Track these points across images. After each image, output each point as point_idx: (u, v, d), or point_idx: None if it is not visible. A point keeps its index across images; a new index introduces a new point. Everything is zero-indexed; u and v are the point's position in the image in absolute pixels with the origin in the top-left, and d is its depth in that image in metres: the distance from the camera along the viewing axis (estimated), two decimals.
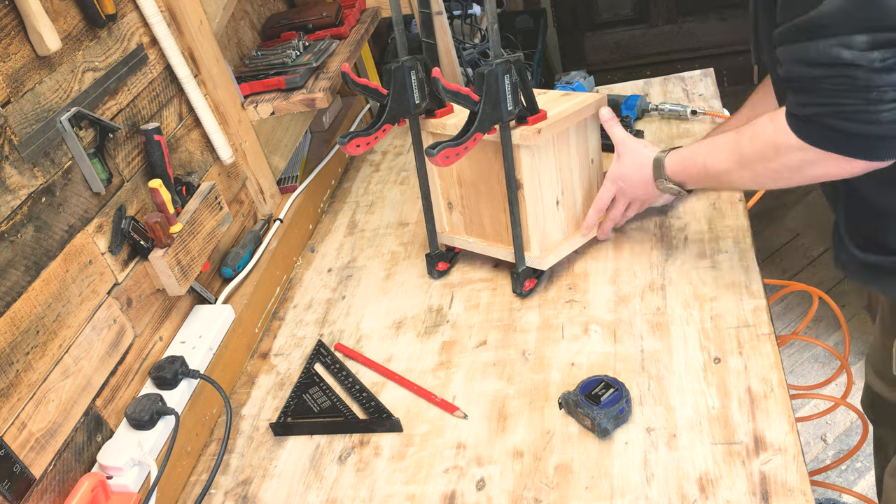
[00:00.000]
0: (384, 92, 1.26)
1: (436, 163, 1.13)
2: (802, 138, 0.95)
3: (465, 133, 1.15)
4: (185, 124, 1.37)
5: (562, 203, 1.30)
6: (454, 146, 1.14)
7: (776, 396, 1.02)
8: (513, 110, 1.17)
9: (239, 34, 1.67)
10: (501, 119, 1.17)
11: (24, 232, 0.98)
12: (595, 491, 0.97)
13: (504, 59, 1.15)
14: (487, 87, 1.14)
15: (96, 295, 1.09)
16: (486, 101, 1.14)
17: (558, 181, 1.28)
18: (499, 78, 1.14)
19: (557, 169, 1.26)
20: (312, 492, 1.08)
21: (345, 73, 1.25)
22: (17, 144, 0.98)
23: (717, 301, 1.19)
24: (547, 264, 1.29)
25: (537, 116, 1.20)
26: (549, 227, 1.29)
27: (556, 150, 1.25)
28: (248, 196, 1.55)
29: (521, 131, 1.19)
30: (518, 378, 1.16)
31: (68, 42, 1.10)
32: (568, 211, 1.32)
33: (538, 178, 1.23)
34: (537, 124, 1.20)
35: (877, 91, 0.86)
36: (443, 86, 1.13)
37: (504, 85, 1.15)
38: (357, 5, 1.83)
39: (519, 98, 1.18)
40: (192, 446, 1.18)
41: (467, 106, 1.15)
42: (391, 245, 1.55)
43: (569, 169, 1.29)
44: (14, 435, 0.93)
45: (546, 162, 1.24)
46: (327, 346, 1.32)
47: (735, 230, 1.32)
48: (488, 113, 1.15)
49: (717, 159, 1.12)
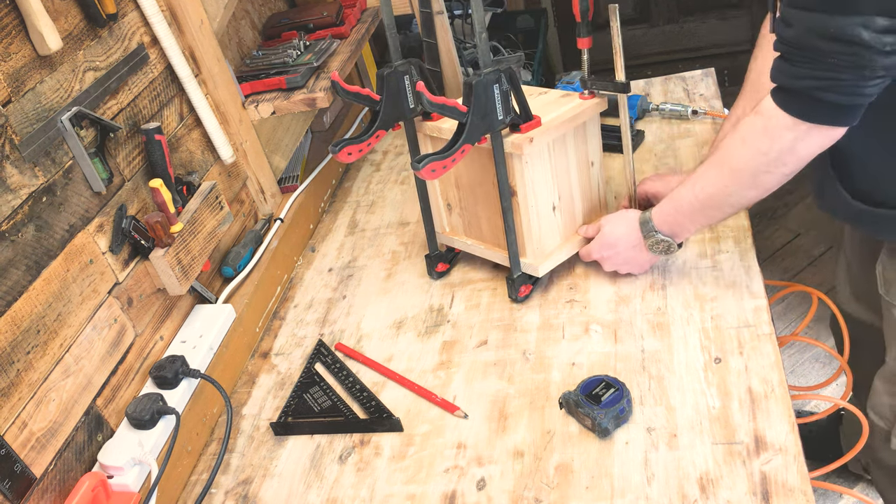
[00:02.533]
0: (377, 98, 1.24)
1: (422, 176, 1.10)
2: (793, 114, 0.96)
3: (453, 145, 1.12)
4: (186, 124, 1.37)
5: (559, 208, 1.28)
6: (440, 159, 1.11)
7: (777, 396, 1.02)
8: (504, 119, 1.14)
9: (240, 34, 1.67)
10: (492, 129, 1.14)
11: (24, 231, 0.98)
12: (595, 491, 0.97)
13: (493, 68, 1.11)
14: (476, 97, 1.10)
15: (97, 294, 1.09)
16: (474, 112, 1.10)
17: (555, 187, 1.25)
18: (487, 88, 1.11)
19: (554, 174, 1.24)
20: (313, 491, 1.08)
21: (334, 81, 1.21)
22: (18, 144, 0.98)
23: (718, 301, 1.19)
24: (542, 271, 1.28)
25: (531, 123, 1.17)
26: (544, 234, 1.27)
27: (551, 156, 1.23)
28: (249, 196, 1.55)
29: (513, 139, 1.16)
30: (519, 378, 1.16)
31: (69, 41, 1.10)
32: (566, 215, 1.30)
33: (532, 185, 1.21)
34: (530, 132, 1.17)
35: (870, 69, 0.89)
36: (427, 99, 1.09)
37: (494, 95, 1.11)
38: (358, 5, 1.83)
39: (510, 106, 1.15)
40: (193, 446, 1.18)
41: (455, 117, 1.11)
42: (392, 245, 1.55)
43: (566, 174, 1.27)
44: (15, 434, 0.93)
45: (541, 168, 1.21)
46: (328, 345, 1.32)
47: (735, 230, 1.32)
48: (477, 124, 1.12)
49: (707, 183, 1.10)
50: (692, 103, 1.71)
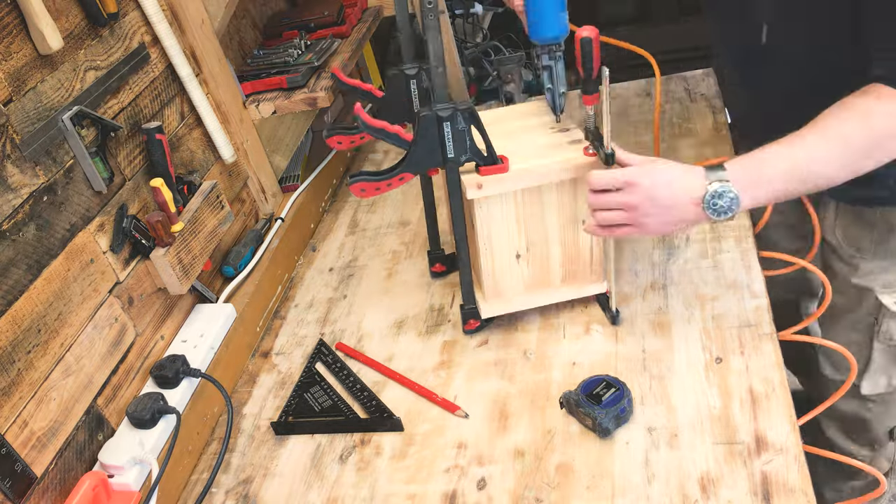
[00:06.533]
0: (378, 94, 1.23)
1: (352, 191, 1.09)
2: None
3: (392, 171, 1.09)
4: (187, 123, 1.37)
5: (525, 258, 1.19)
6: (374, 181, 1.09)
7: (778, 396, 1.02)
8: (456, 158, 1.09)
9: (241, 33, 1.67)
10: (441, 165, 1.10)
11: (25, 231, 0.98)
12: (596, 490, 0.97)
13: (449, 105, 1.06)
14: (422, 130, 1.07)
15: (98, 294, 1.09)
16: (419, 144, 1.08)
17: (522, 236, 1.17)
18: (436, 123, 1.07)
19: (521, 224, 1.15)
20: (313, 491, 1.08)
21: (334, 74, 1.21)
22: (19, 143, 0.98)
23: (719, 300, 1.19)
24: (487, 313, 1.23)
25: (494, 168, 1.10)
26: (501, 279, 1.20)
27: (519, 204, 1.14)
28: (250, 195, 1.55)
29: (466, 179, 1.10)
30: (519, 377, 1.16)
31: (70, 41, 1.10)
32: (536, 268, 1.21)
33: (486, 227, 1.15)
34: (485, 177, 1.10)
35: None
36: (364, 122, 1.06)
37: (445, 132, 1.07)
38: (359, 4, 1.83)
39: (467, 146, 1.09)
40: (194, 445, 1.18)
41: (397, 145, 1.08)
42: (392, 244, 1.55)
43: (541, 225, 1.17)
44: (15, 433, 0.93)
45: (500, 214, 1.14)
46: (328, 345, 1.32)
47: (737, 230, 1.32)
48: (421, 156, 1.09)
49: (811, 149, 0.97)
50: (693, 103, 1.71)
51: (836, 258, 1.38)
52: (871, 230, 1.30)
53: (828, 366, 1.54)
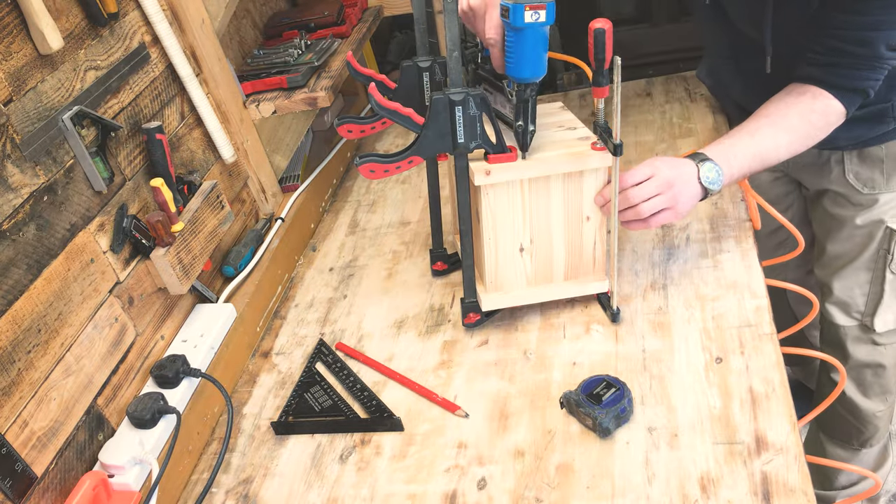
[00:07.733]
0: (391, 85, 1.23)
1: (361, 172, 1.10)
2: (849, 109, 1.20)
3: (402, 153, 1.10)
4: (187, 123, 1.37)
5: (529, 252, 1.19)
6: (383, 162, 1.09)
7: (778, 396, 1.02)
8: (466, 144, 1.10)
9: (241, 33, 1.67)
10: (450, 150, 1.11)
11: (25, 230, 0.98)
12: (596, 490, 0.97)
13: (462, 90, 1.07)
14: (433, 114, 1.08)
15: (98, 294, 1.09)
16: (430, 127, 1.08)
17: (526, 229, 1.17)
18: (448, 107, 1.08)
19: (527, 214, 1.16)
20: (314, 491, 1.08)
21: (348, 62, 1.22)
22: (20, 143, 0.98)
23: (719, 301, 1.19)
24: (488, 306, 1.23)
25: (503, 156, 1.11)
26: (504, 272, 1.21)
27: (526, 195, 1.14)
28: (250, 195, 1.55)
29: (474, 166, 1.12)
30: (519, 377, 1.16)
31: (70, 40, 1.10)
32: (538, 262, 1.21)
33: (492, 217, 1.15)
34: (494, 164, 1.11)
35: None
36: (377, 102, 1.07)
37: (456, 116, 1.08)
38: (359, 4, 1.84)
39: (478, 132, 1.10)
40: (194, 445, 1.18)
41: (409, 128, 1.09)
42: (393, 244, 1.55)
43: (546, 219, 1.17)
44: (16, 433, 0.93)
45: (506, 204, 1.15)
46: (329, 345, 1.32)
47: (737, 230, 1.32)
48: (432, 140, 1.10)
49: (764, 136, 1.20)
50: (693, 103, 1.71)
51: (844, 202, 1.46)
52: (882, 164, 1.40)
53: (838, 313, 1.57)
